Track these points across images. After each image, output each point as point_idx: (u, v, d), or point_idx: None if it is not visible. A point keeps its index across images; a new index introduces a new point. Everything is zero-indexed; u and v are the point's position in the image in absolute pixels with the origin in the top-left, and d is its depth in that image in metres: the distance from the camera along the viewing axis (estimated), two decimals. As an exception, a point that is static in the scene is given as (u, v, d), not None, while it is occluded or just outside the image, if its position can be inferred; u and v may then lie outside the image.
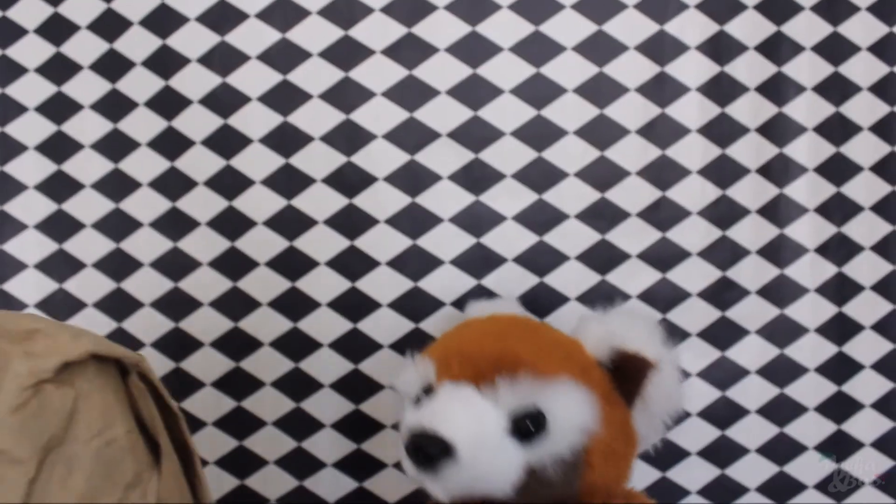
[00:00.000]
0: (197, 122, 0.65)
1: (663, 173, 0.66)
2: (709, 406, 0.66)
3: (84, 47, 0.66)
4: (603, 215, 0.66)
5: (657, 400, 0.46)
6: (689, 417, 0.66)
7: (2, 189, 0.66)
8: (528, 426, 0.43)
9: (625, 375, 0.46)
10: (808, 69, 0.66)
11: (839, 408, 0.67)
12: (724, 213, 0.66)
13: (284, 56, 0.65)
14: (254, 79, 0.65)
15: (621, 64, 0.65)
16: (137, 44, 0.65)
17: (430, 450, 0.42)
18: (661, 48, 0.65)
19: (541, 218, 0.66)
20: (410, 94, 0.65)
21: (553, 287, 0.66)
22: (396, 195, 0.65)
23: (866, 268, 0.67)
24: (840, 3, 0.66)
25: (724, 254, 0.66)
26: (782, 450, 0.66)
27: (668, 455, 0.65)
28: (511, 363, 0.44)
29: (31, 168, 0.66)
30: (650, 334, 0.48)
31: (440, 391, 0.46)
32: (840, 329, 0.66)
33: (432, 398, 0.45)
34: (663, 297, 0.66)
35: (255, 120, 0.65)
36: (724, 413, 0.66)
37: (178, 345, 0.66)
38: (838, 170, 0.67)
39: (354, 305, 0.66)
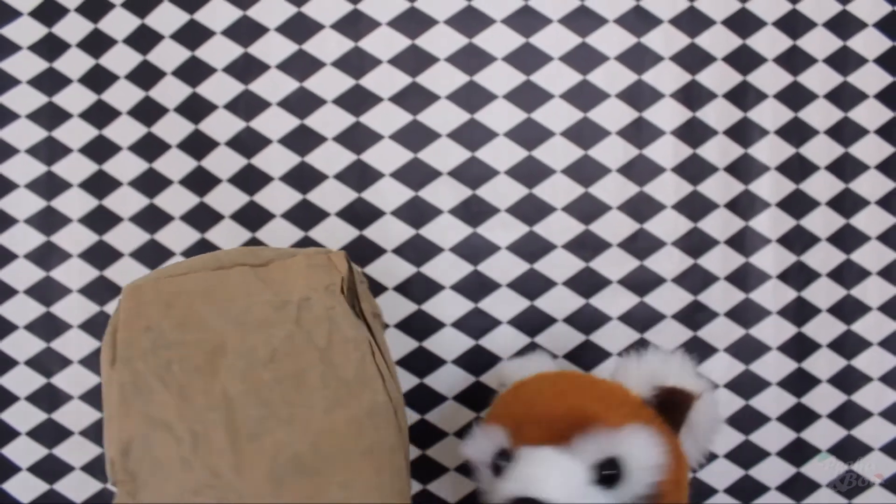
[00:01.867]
0: (223, 162, 0.72)
1: (641, 208, 0.72)
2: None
3: (122, 94, 0.73)
4: (587, 245, 0.72)
5: (701, 425, 0.50)
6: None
7: (49, 222, 0.73)
8: (607, 474, 0.46)
9: (669, 408, 0.50)
10: (770, 114, 0.72)
11: (798, 418, 0.74)
12: (695, 243, 0.72)
13: (302, 103, 0.71)
14: (274, 123, 0.71)
15: (604, 109, 0.71)
16: (170, 92, 0.72)
17: None
18: (639, 96, 0.72)
19: (532, 248, 0.72)
20: (415, 137, 0.71)
21: (542, 310, 0.73)
22: (402, 227, 0.72)
23: (823, 293, 0.74)
24: (799, 55, 0.73)
25: (695, 280, 0.73)
26: (747, 455, 0.73)
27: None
28: (581, 419, 0.47)
29: (75, 203, 0.73)
30: (684, 368, 0.52)
31: (521, 456, 0.47)
32: (799, 347, 0.73)
33: (515, 464, 0.47)
34: (641, 319, 0.73)
35: (276, 160, 0.71)
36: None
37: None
38: (798, 205, 0.73)
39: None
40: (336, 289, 0.46)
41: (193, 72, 0.72)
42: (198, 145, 0.72)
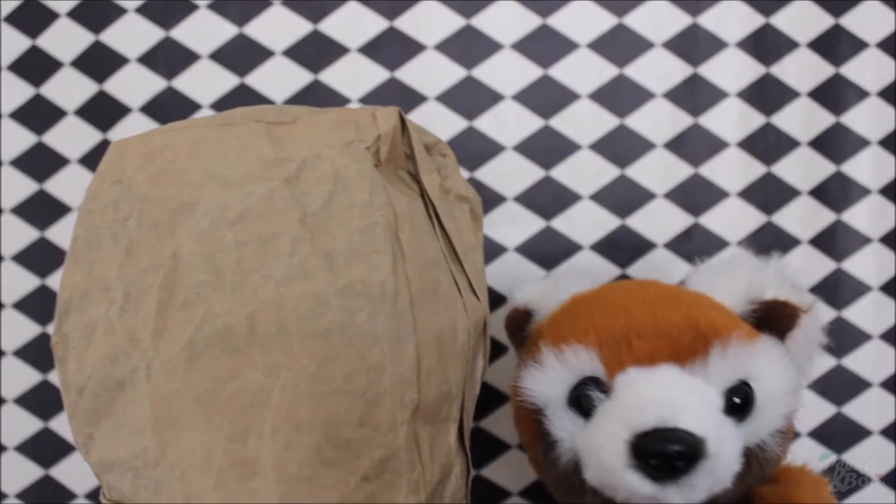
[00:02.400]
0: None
1: (696, 195, 0.55)
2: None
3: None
4: (623, 246, 0.55)
5: (807, 344, 0.41)
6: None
7: None
8: (741, 402, 0.37)
9: (771, 326, 0.41)
10: (872, 70, 0.55)
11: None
12: (769, 242, 0.55)
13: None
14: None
15: (646, 63, 0.55)
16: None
17: (680, 451, 0.33)
18: (695, 45, 0.55)
19: (548, 249, 0.55)
20: (393, 99, 0.55)
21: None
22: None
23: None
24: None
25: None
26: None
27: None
28: (713, 331, 0.37)
29: None
30: (783, 278, 0.42)
31: (634, 381, 0.36)
32: None
33: (624, 392, 0.36)
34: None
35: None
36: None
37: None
38: (908, 192, 0.56)
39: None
40: (360, 146, 0.39)
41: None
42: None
